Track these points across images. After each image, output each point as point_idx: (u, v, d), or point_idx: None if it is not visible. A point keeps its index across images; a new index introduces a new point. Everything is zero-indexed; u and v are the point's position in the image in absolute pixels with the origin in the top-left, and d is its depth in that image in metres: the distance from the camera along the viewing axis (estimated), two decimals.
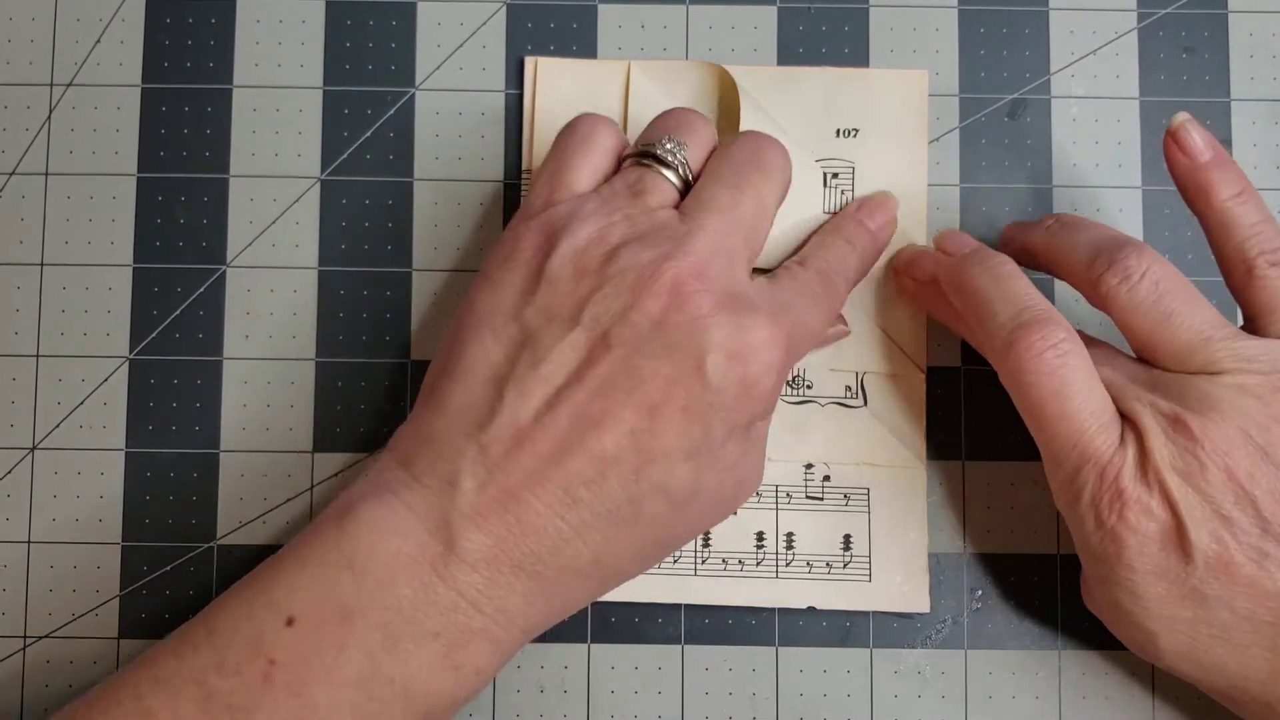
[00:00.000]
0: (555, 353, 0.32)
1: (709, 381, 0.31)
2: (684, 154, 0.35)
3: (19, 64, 0.41)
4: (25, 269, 0.40)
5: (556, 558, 0.31)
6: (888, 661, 0.39)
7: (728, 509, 0.35)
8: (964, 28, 0.41)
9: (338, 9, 0.41)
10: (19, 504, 0.39)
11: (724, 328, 0.32)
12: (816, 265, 0.36)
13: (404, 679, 0.30)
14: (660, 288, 0.32)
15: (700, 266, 0.32)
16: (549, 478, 0.31)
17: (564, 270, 0.33)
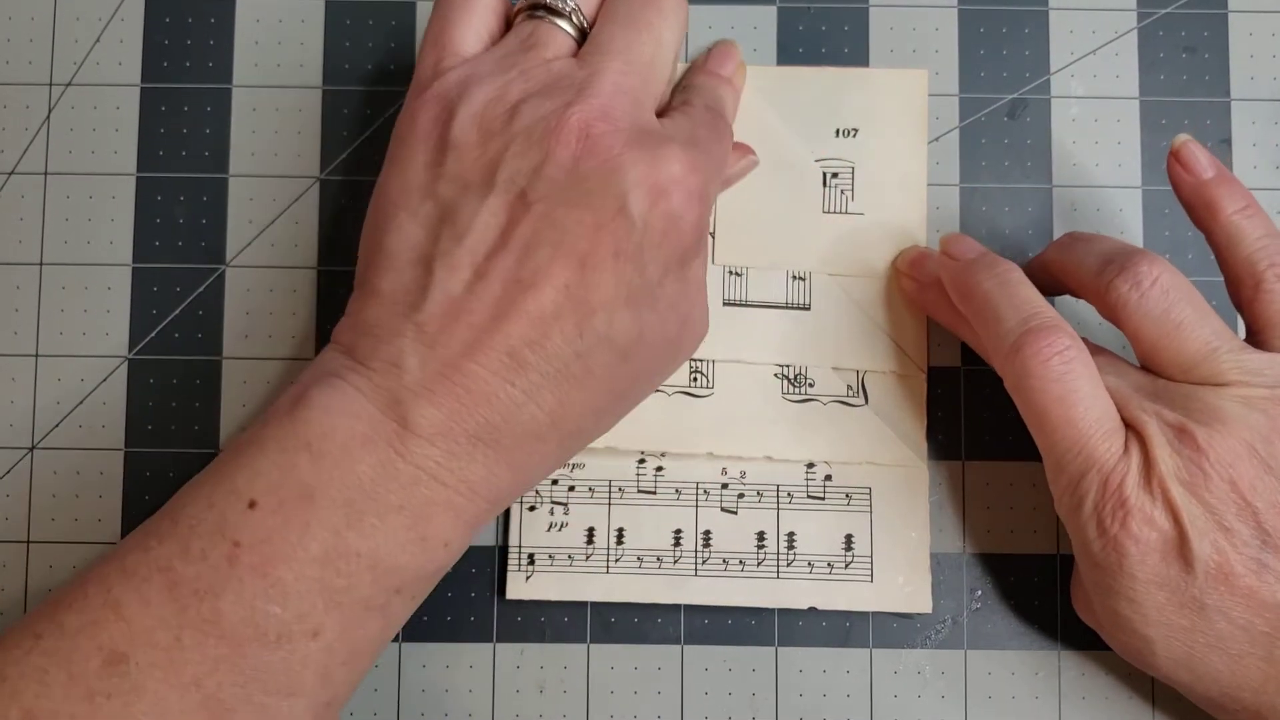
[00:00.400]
0: (476, 221, 0.31)
1: (633, 221, 0.31)
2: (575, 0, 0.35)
3: (19, 64, 0.41)
4: (25, 269, 0.40)
5: (512, 424, 0.31)
6: (888, 662, 0.39)
7: (677, 353, 0.34)
8: (964, 28, 0.41)
9: (338, 9, 0.41)
10: (17, 504, 0.39)
11: (639, 164, 0.31)
12: (705, 102, 0.36)
13: (370, 552, 0.30)
14: (568, 135, 0.31)
15: (605, 108, 0.32)
16: (490, 345, 0.31)
17: (468, 136, 0.32)
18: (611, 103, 0.32)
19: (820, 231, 0.40)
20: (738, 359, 0.39)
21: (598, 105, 0.32)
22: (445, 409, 0.31)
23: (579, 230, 0.31)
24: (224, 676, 0.29)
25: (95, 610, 0.29)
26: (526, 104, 0.32)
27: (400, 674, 0.39)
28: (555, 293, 0.31)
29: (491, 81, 0.33)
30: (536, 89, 0.33)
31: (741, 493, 0.39)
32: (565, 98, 0.32)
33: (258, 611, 0.29)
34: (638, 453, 0.39)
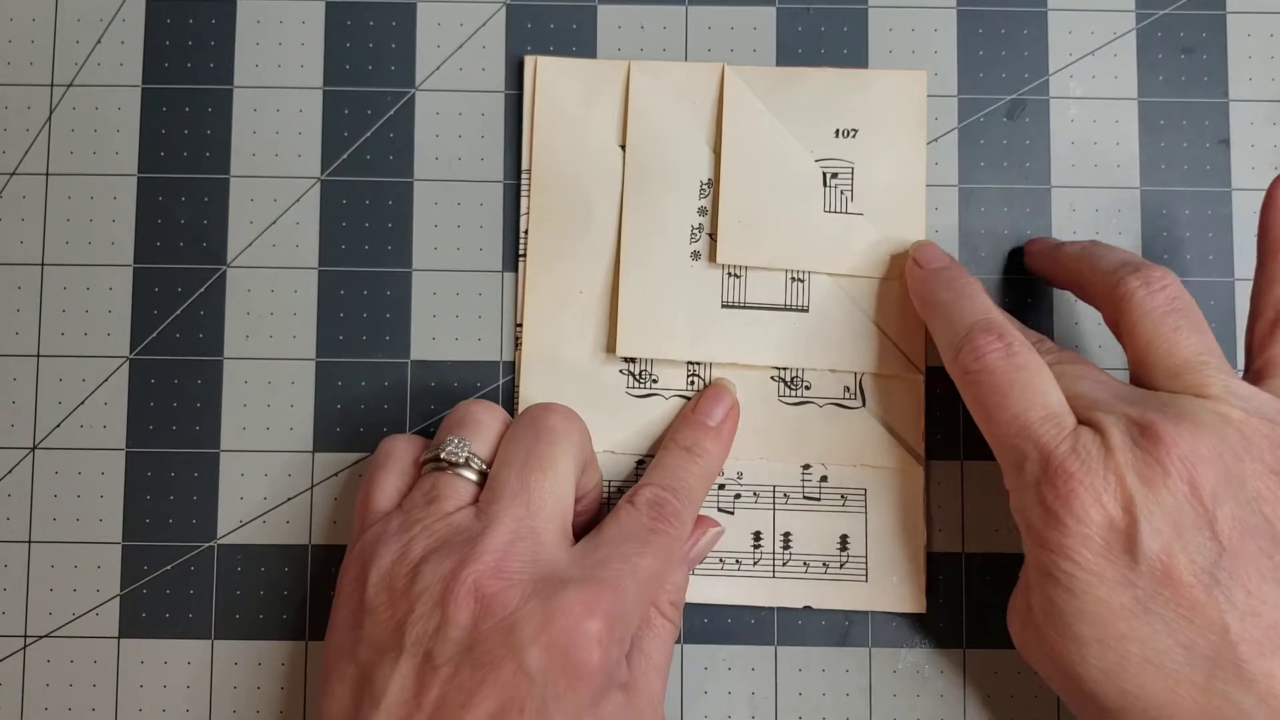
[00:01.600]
0: (390, 685, 0.32)
1: (533, 677, 0.31)
2: (469, 448, 0.35)
3: (19, 64, 0.41)
4: (26, 269, 0.40)
5: None
6: (887, 661, 0.39)
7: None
8: (963, 28, 0.41)
9: (338, 9, 0.41)
10: (19, 504, 0.40)
11: (533, 618, 0.31)
12: (648, 496, 0.36)
13: None
14: (464, 597, 0.32)
15: (498, 563, 0.32)
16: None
17: (379, 598, 0.33)
18: (506, 556, 0.32)
19: (821, 231, 0.40)
20: (735, 361, 0.39)
21: (491, 562, 0.32)
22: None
23: (485, 691, 0.31)
24: None
25: None
26: (427, 563, 0.32)
27: None
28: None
29: (396, 540, 0.33)
30: (436, 545, 0.33)
31: (738, 493, 0.39)
32: (460, 554, 0.32)
33: None
34: (637, 454, 0.39)
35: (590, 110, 0.40)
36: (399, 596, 0.32)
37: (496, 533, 0.33)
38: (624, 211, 0.40)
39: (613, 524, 0.35)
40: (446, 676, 0.31)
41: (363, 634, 0.33)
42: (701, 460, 0.37)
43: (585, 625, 0.31)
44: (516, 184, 0.41)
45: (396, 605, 0.32)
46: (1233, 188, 0.40)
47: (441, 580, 0.32)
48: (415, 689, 0.31)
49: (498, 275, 0.40)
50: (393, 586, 0.33)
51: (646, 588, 0.34)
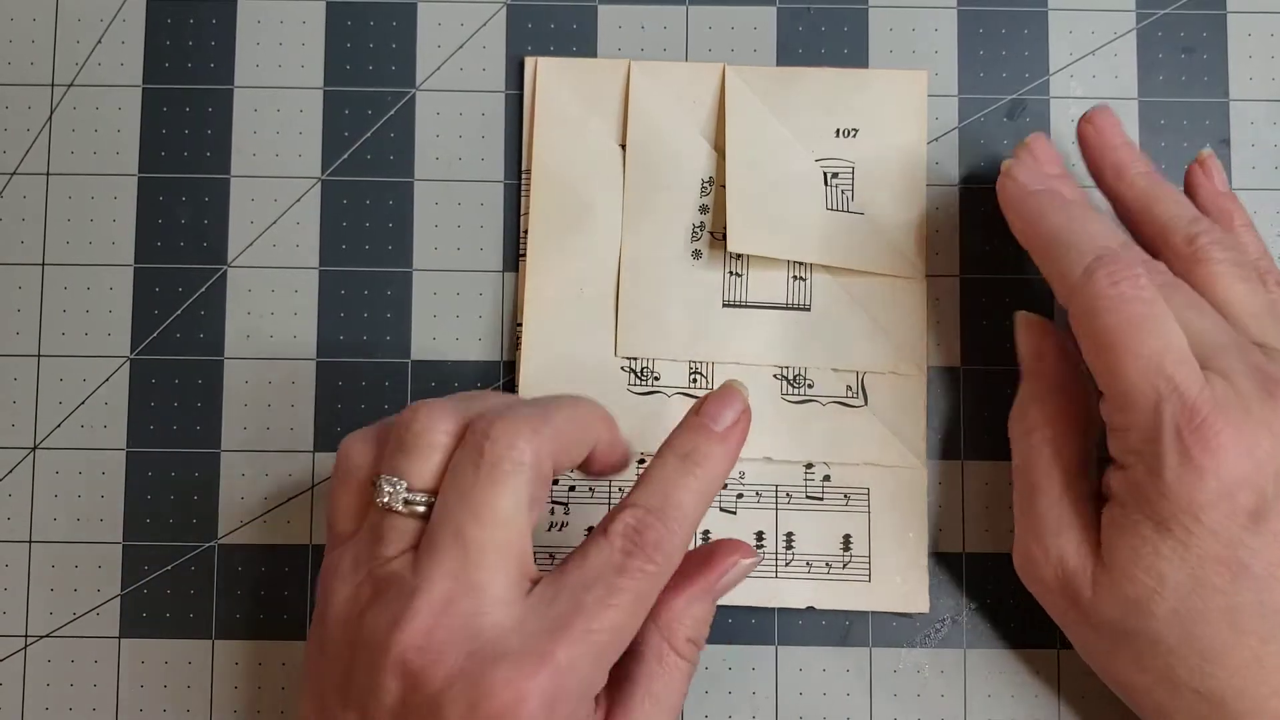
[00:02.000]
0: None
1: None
2: (404, 490, 0.31)
3: (20, 64, 0.41)
4: (26, 269, 0.40)
5: None
6: (887, 661, 0.39)
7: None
8: (963, 28, 0.41)
9: (338, 9, 0.41)
10: (20, 504, 0.40)
11: (458, 702, 0.29)
12: (626, 522, 0.31)
13: None
14: (393, 669, 0.29)
15: (428, 631, 0.29)
16: None
17: (336, 635, 0.31)
18: (437, 623, 0.29)
19: (824, 228, 0.40)
20: (737, 360, 0.39)
21: (420, 630, 0.29)
22: None
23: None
24: None
25: None
26: (369, 612, 0.30)
27: None
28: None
29: (349, 581, 0.31)
30: (375, 595, 0.30)
31: (740, 493, 0.39)
32: (393, 613, 0.30)
33: None
34: (638, 454, 0.39)
35: (590, 110, 0.40)
36: (349, 643, 0.30)
37: (428, 594, 0.29)
38: (624, 211, 0.40)
39: (577, 563, 0.31)
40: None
41: (325, 667, 0.31)
42: (700, 471, 0.32)
43: (517, 711, 0.28)
44: (516, 184, 0.41)
45: (346, 651, 0.30)
46: (1233, 188, 0.40)
47: (376, 643, 0.30)
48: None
49: (498, 275, 0.40)
50: (346, 629, 0.31)
51: (613, 645, 0.31)
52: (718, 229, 0.40)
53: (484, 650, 0.29)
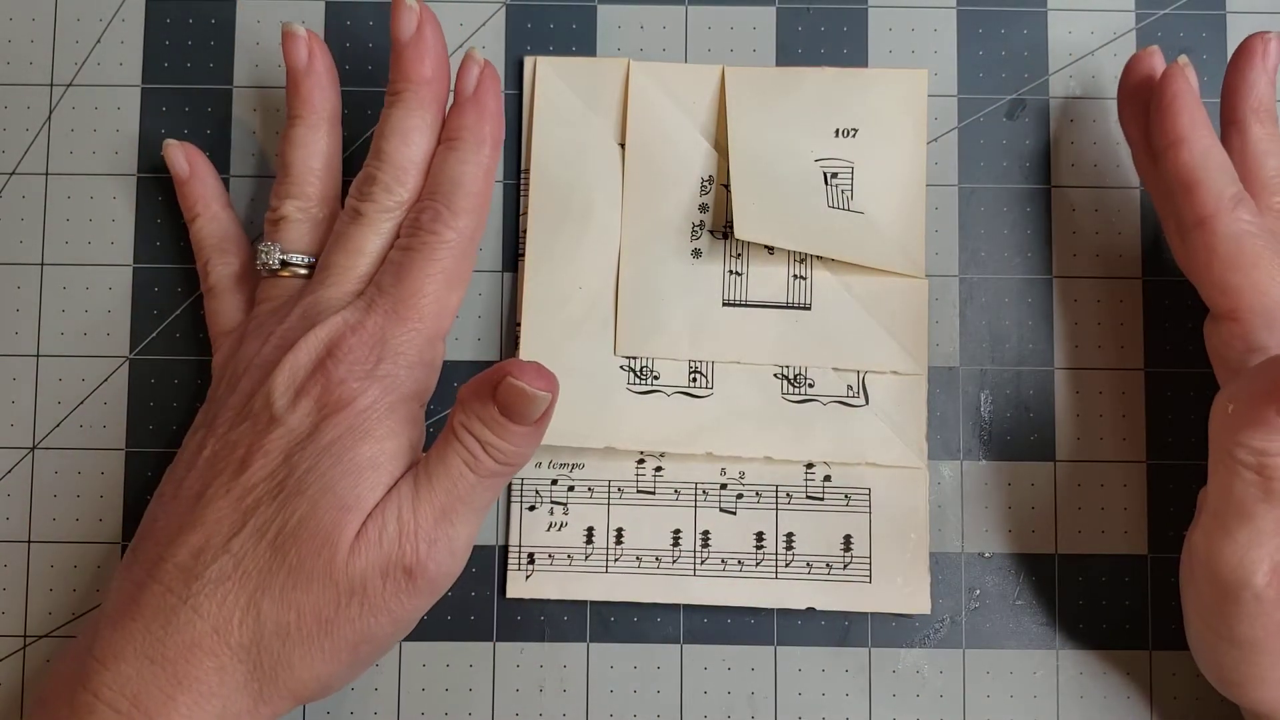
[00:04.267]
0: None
1: (281, 420, 0.34)
2: (276, 254, 0.37)
3: (19, 64, 0.41)
4: (25, 269, 0.40)
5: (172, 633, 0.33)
6: (886, 661, 0.39)
7: (325, 546, 0.32)
8: (963, 28, 0.41)
9: (338, 9, 0.41)
10: (19, 504, 0.40)
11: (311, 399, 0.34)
12: (407, 225, 0.37)
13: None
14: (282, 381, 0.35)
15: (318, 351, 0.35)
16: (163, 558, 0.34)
17: (237, 377, 0.37)
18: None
19: (825, 226, 0.40)
20: (737, 359, 0.39)
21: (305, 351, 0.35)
22: (123, 630, 0.32)
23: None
24: None
25: None
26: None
27: (400, 673, 0.39)
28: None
29: (253, 339, 0.37)
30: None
31: (740, 493, 0.39)
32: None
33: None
34: (637, 453, 0.39)
35: (590, 110, 0.40)
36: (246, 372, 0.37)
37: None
38: (624, 210, 0.40)
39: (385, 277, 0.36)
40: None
41: (221, 396, 0.36)
42: (457, 142, 0.37)
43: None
44: (516, 184, 0.41)
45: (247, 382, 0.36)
46: None
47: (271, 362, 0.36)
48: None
49: (497, 275, 0.40)
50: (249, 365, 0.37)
51: (428, 313, 0.36)
52: (717, 228, 0.40)
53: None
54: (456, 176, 0.36)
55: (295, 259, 0.37)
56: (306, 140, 0.38)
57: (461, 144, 0.37)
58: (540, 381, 0.32)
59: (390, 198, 0.36)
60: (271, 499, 0.33)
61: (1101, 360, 0.40)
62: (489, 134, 0.37)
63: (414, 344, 0.35)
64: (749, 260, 0.40)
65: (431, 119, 0.37)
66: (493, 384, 0.32)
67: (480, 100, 0.37)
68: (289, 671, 0.32)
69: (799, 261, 0.40)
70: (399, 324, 0.35)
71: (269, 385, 0.34)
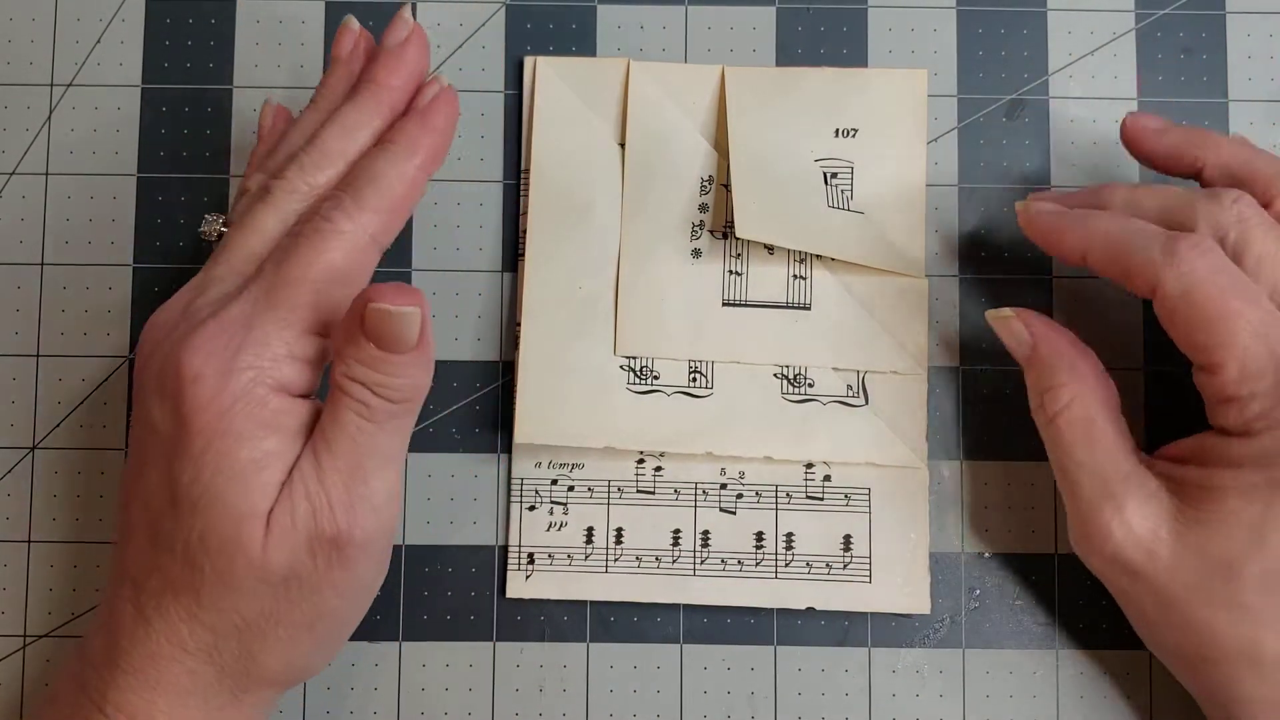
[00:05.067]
0: None
1: (157, 430, 0.32)
2: (218, 224, 0.36)
3: (19, 64, 0.41)
4: (25, 269, 0.40)
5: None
6: (886, 661, 0.39)
7: (237, 554, 0.31)
8: (962, 28, 0.41)
9: (338, 9, 0.41)
10: (19, 504, 0.40)
11: (153, 366, 0.32)
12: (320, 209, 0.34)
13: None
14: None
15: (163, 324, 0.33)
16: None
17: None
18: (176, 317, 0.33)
19: (825, 226, 0.40)
20: (737, 359, 0.39)
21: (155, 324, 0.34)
22: (104, 639, 0.33)
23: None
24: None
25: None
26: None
27: (400, 673, 0.39)
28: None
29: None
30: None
31: (740, 493, 0.39)
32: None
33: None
34: (637, 453, 0.39)
35: (590, 109, 0.40)
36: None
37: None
38: (623, 210, 0.40)
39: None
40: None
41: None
42: (391, 146, 0.35)
43: (180, 359, 0.31)
44: (516, 184, 0.41)
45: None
46: None
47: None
48: None
49: (497, 275, 0.40)
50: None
51: (288, 297, 0.32)
52: (717, 227, 0.40)
53: (178, 322, 0.33)
54: (375, 174, 0.34)
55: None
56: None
57: (393, 146, 0.35)
58: (403, 297, 0.30)
59: (303, 179, 0.34)
60: (171, 509, 0.31)
61: (1102, 360, 0.40)
62: (425, 145, 0.35)
63: (282, 336, 0.32)
64: (749, 260, 0.40)
65: (379, 125, 0.35)
66: (359, 320, 0.31)
67: (428, 114, 0.36)
68: (255, 664, 0.32)
69: (799, 261, 0.40)
70: (267, 310, 0.32)
71: (139, 381, 0.33)
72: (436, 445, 0.40)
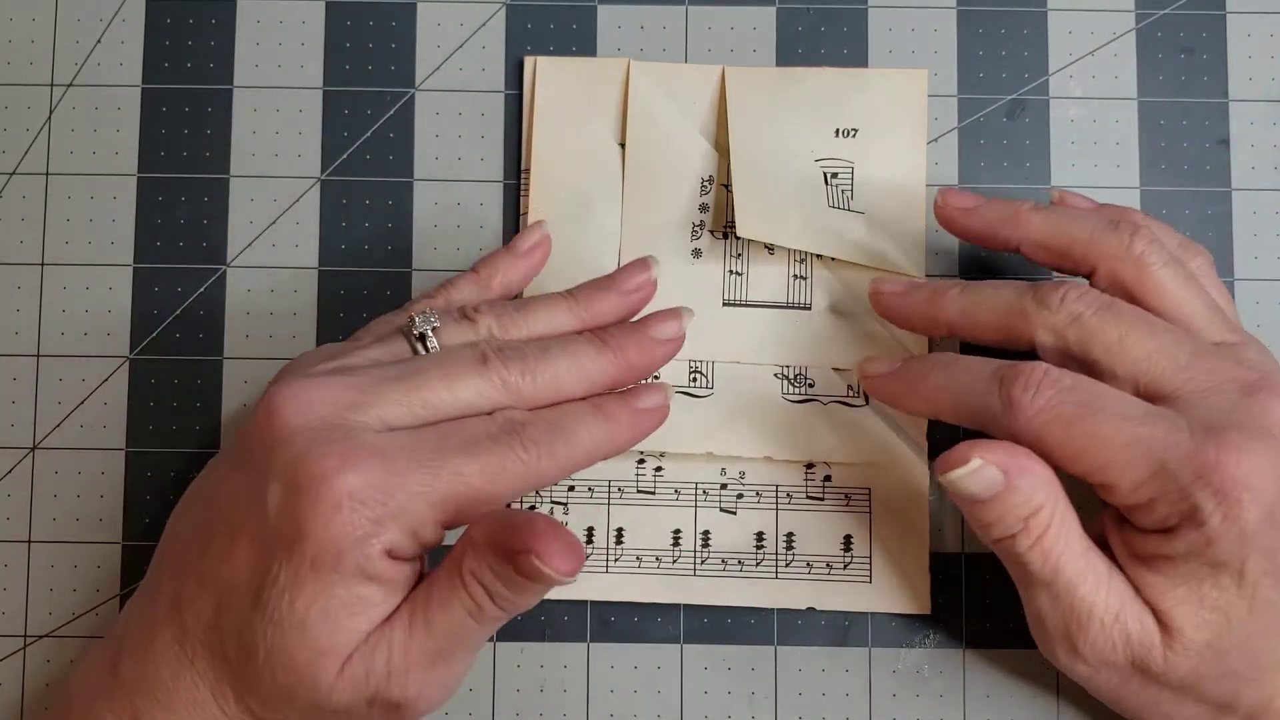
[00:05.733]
0: None
1: (267, 510, 0.31)
2: (431, 335, 0.34)
3: (19, 64, 0.41)
4: (25, 269, 0.40)
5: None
6: (886, 661, 0.39)
7: (302, 681, 0.31)
8: (963, 28, 0.41)
9: (338, 9, 0.41)
10: (19, 504, 0.40)
11: (288, 456, 0.31)
12: (509, 416, 0.33)
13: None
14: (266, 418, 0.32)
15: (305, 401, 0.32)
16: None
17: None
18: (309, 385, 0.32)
19: (826, 226, 0.40)
20: (737, 359, 0.39)
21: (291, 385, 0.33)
22: (143, 667, 0.33)
23: (232, 500, 0.33)
24: None
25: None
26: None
27: None
28: (211, 559, 0.32)
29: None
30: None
31: (740, 493, 0.39)
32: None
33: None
34: (637, 453, 0.39)
35: (590, 109, 0.40)
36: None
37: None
38: (624, 210, 0.40)
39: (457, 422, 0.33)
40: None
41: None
42: (607, 426, 0.34)
43: (333, 481, 0.30)
44: (516, 184, 0.41)
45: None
46: (1232, 188, 0.40)
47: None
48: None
49: None
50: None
51: (449, 491, 0.31)
52: (717, 228, 0.40)
53: (342, 426, 0.31)
54: (575, 434, 0.34)
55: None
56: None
57: (605, 423, 0.34)
58: (567, 564, 0.30)
59: (518, 386, 0.33)
60: (251, 600, 0.31)
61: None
62: (620, 442, 0.35)
63: (421, 514, 0.31)
64: (749, 260, 0.40)
65: (602, 385, 0.35)
66: (513, 549, 0.30)
67: (643, 419, 0.35)
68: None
69: (799, 261, 0.40)
70: (427, 488, 0.31)
71: (270, 437, 0.32)
72: None
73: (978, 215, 0.36)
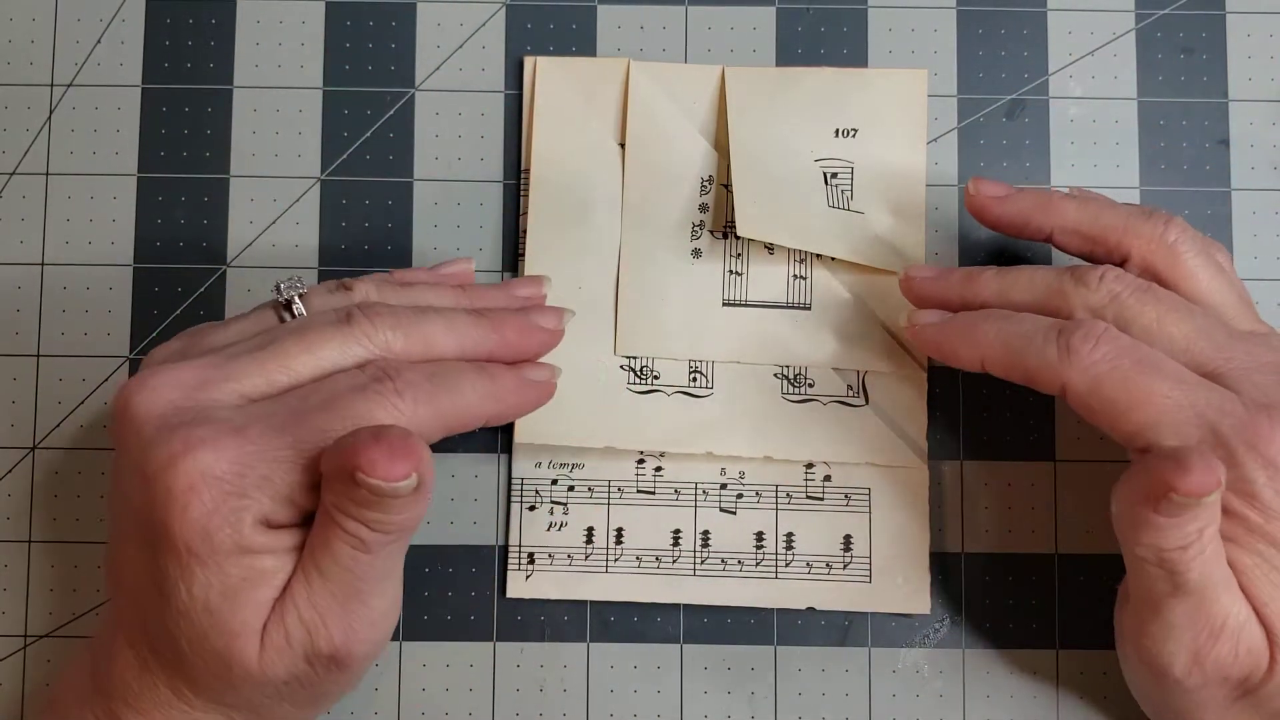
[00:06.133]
0: None
1: (138, 508, 0.31)
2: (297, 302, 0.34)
3: (19, 64, 0.41)
4: (25, 269, 0.40)
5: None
6: (886, 661, 0.39)
7: (230, 664, 0.31)
8: (962, 28, 0.41)
9: (338, 9, 0.41)
10: (19, 504, 0.40)
11: (141, 441, 0.31)
12: (380, 365, 0.32)
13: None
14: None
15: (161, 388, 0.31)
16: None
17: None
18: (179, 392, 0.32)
19: (826, 225, 0.40)
20: (737, 359, 0.39)
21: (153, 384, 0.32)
22: (112, 686, 0.33)
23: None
24: None
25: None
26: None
27: (400, 673, 0.39)
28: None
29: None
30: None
31: (740, 493, 0.39)
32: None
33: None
34: (637, 453, 0.39)
35: (590, 109, 0.40)
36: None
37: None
38: (624, 210, 0.40)
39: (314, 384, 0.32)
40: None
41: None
42: (490, 387, 0.34)
43: (178, 465, 0.29)
44: (516, 184, 0.41)
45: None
46: (1232, 188, 0.40)
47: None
48: None
49: (497, 275, 0.40)
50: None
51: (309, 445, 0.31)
52: (717, 228, 0.40)
53: (192, 408, 0.31)
54: (459, 389, 0.33)
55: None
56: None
57: (489, 383, 0.34)
58: (392, 469, 0.29)
59: (387, 344, 0.33)
60: (159, 601, 0.31)
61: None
62: (508, 405, 0.35)
63: (289, 480, 0.31)
64: (749, 260, 0.40)
65: (476, 355, 0.34)
66: (346, 470, 0.29)
67: (529, 389, 0.35)
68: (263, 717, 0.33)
69: (799, 261, 0.40)
70: (289, 450, 0.31)
71: (126, 430, 0.32)
72: (437, 445, 0.39)
73: (1010, 203, 0.36)
